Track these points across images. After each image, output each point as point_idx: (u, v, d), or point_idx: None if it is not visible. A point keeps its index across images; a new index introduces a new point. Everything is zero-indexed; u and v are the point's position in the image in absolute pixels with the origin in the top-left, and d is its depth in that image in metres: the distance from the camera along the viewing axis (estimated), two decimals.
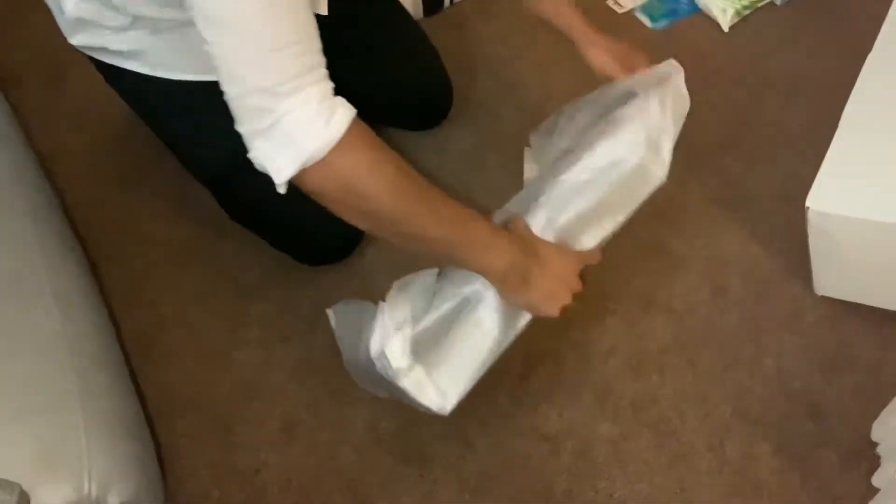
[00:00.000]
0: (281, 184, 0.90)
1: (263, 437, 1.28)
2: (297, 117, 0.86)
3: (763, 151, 1.53)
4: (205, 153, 1.34)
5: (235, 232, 1.44)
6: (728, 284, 1.38)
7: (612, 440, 1.24)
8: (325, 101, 0.88)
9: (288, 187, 0.91)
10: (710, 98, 1.60)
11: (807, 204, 1.20)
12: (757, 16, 1.73)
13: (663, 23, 1.74)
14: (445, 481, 1.22)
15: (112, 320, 1.34)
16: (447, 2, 1.79)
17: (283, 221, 1.37)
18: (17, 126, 1.49)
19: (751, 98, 1.61)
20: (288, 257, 1.43)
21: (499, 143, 1.57)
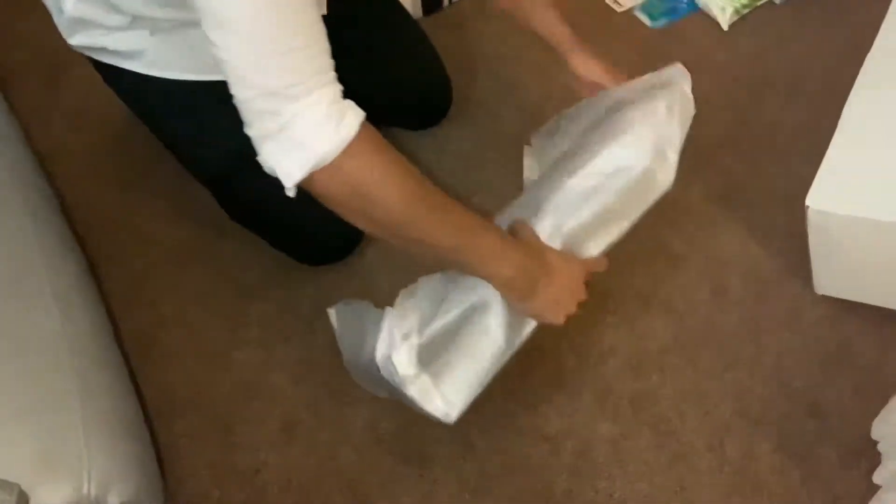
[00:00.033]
0: (290, 187, 0.89)
1: (263, 437, 1.28)
2: (307, 121, 0.86)
3: (763, 150, 1.53)
4: (205, 153, 1.34)
5: (235, 232, 1.44)
6: (728, 284, 1.38)
7: (612, 440, 1.24)
8: (335, 105, 0.88)
9: (297, 191, 0.91)
10: (710, 97, 1.60)
11: (806, 203, 1.20)
12: (756, 14, 1.73)
13: (662, 21, 1.74)
14: (445, 481, 1.22)
15: (112, 320, 1.33)
16: (446, 1, 1.79)
17: (284, 221, 1.37)
18: (17, 126, 1.48)
19: (750, 97, 1.61)
20: (288, 257, 1.43)
21: (498, 143, 1.57)
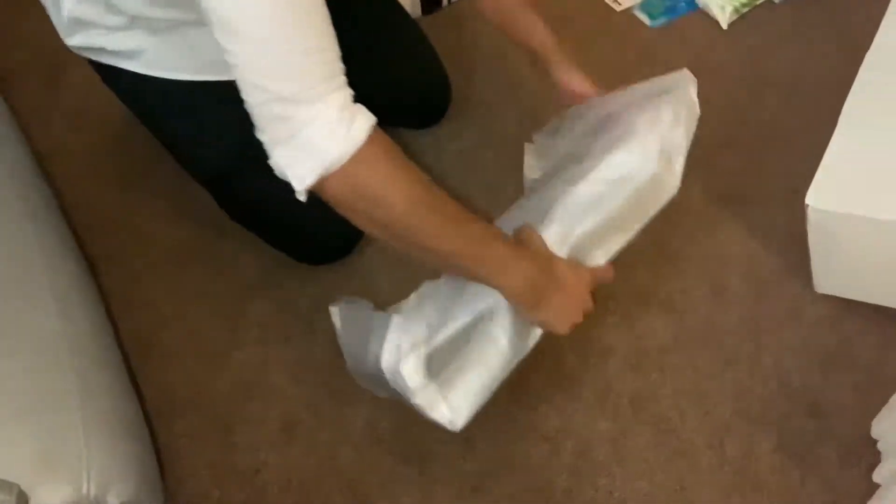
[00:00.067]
0: (301, 191, 0.90)
1: (263, 437, 1.28)
2: (318, 125, 0.86)
3: (762, 149, 1.53)
4: (204, 153, 1.34)
5: (235, 232, 1.44)
6: (728, 283, 1.38)
7: (612, 439, 1.24)
8: (346, 110, 0.88)
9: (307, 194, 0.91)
10: (709, 96, 1.58)
11: (806, 201, 1.20)
12: (755, 13, 1.73)
13: (662, 20, 1.74)
14: (445, 481, 1.22)
15: (111, 320, 1.34)
16: (445, 1, 1.79)
17: (283, 221, 1.37)
18: (16, 126, 1.49)
19: (750, 96, 1.61)
20: (287, 257, 1.43)
21: (498, 142, 1.57)
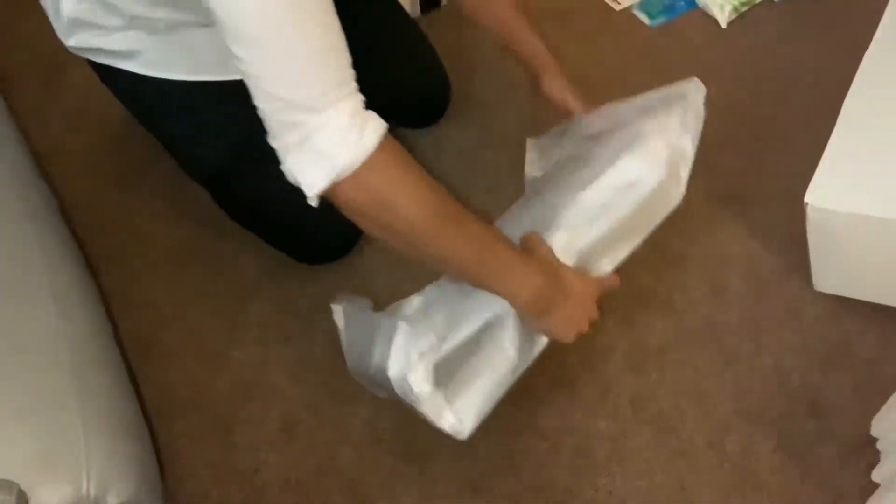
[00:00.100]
0: (313, 197, 0.90)
1: (263, 437, 1.28)
2: (330, 132, 0.86)
3: (761, 148, 1.53)
4: (203, 153, 1.34)
5: (235, 231, 1.44)
6: (727, 282, 1.38)
7: (612, 438, 1.24)
8: (358, 116, 0.88)
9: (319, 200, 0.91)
10: (708, 95, 1.58)
11: (806, 200, 1.20)
12: (755, 12, 1.73)
13: (661, 19, 1.74)
14: (445, 480, 1.22)
15: (111, 320, 1.33)
16: None
17: (282, 221, 1.37)
18: (15, 126, 1.48)
19: (749, 95, 1.61)
20: (287, 256, 1.43)
21: (497, 142, 1.57)
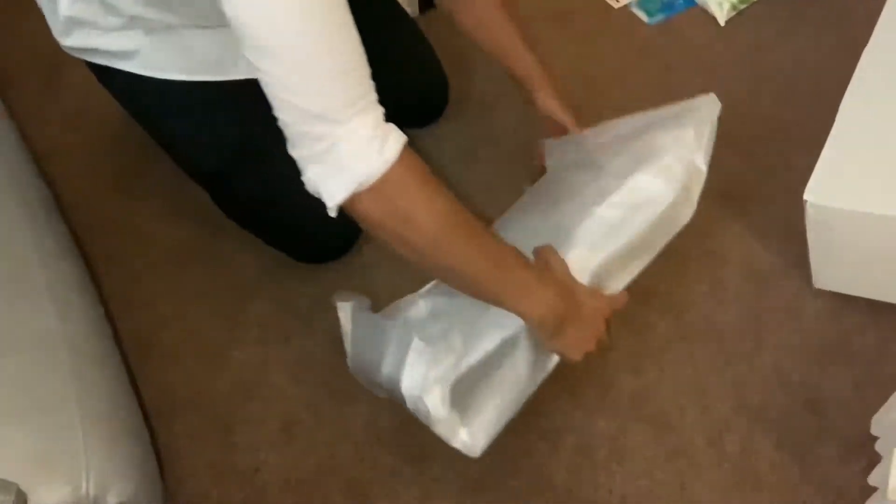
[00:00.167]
0: (333, 207, 0.90)
1: (263, 437, 1.28)
2: (351, 144, 0.87)
3: (760, 145, 1.53)
4: (201, 153, 1.34)
5: (234, 231, 1.44)
6: (727, 279, 1.38)
7: (612, 436, 1.24)
8: (379, 128, 0.89)
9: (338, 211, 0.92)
10: (707, 92, 1.59)
11: (805, 197, 1.20)
12: (753, 9, 1.73)
13: (659, 17, 1.74)
14: (445, 479, 1.22)
15: (111, 320, 1.33)
16: None
17: (282, 220, 1.37)
18: (14, 126, 1.49)
19: (748, 92, 1.60)
20: (286, 256, 1.43)
21: (495, 141, 1.57)
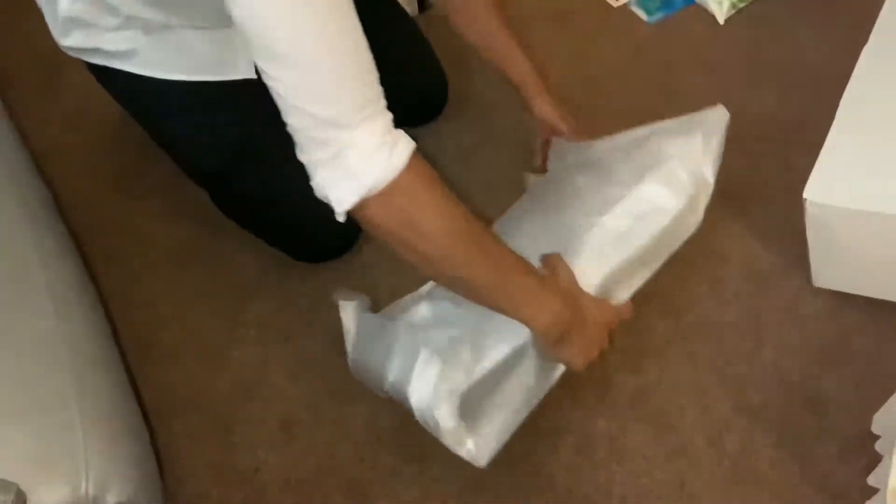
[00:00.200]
0: (341, 213, 0.91)
1: (263, 437, 1.28)
2: (361, 150, 0.87)
3: (760, 143, 1.53)
4: (201, 153, 1.34)
5: (234, 231, 1.44)
6: (726, 277, 1.37)
7: (612, 435, 1.24)
8: (389, 134, 0.89)
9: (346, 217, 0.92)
10: (707, 91, 1.60)
11: (804, 195, 1.20)
12: (753, 7, 1.73)
13: (659, 15, 1.74)
14: (445, 479, 1.22)
15: (110, 320, 1.33)
16: None
17: (282, 220, 1.37)
18: (14, 126, 1.49)
19: (747, 91, 1.60)
20: (286, 255, 1.43)
21: (495, 140, 1.57)
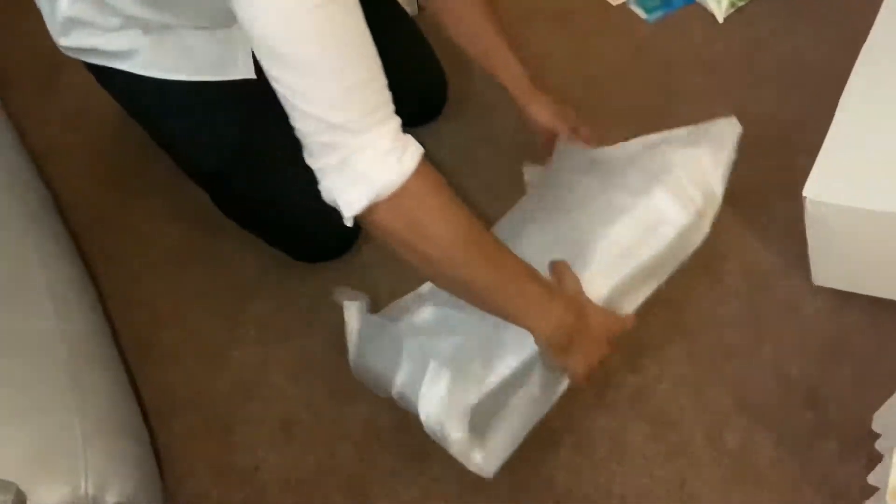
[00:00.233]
0: (349, 217, 0.91)
1: (262, 436, 1.28)
2: (370, 154, 0.87)
3: (759, 142, 1.52)
4: (201, 153, 1.34)
5: (233, 231, 1.44)
6: (726, 275, 1.37)
7: (612, 434, 1.24)
8: (398, 139, 0.89)
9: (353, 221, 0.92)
10: (706, 89, 1.59)
11: (804, 194, 1.20)
12: (752, 6, 1.72)
13: (658, 14, 1.74)
14: (445, 478, 1.22)
15: (110, 320, 1.34)
16: None
17: (282, 220, 1.37)
18: (13, 126, 1.49)
19: (747, 89, 1.60)
20: (285, 255, 1.43)
21: (495, 140, 1.56)
